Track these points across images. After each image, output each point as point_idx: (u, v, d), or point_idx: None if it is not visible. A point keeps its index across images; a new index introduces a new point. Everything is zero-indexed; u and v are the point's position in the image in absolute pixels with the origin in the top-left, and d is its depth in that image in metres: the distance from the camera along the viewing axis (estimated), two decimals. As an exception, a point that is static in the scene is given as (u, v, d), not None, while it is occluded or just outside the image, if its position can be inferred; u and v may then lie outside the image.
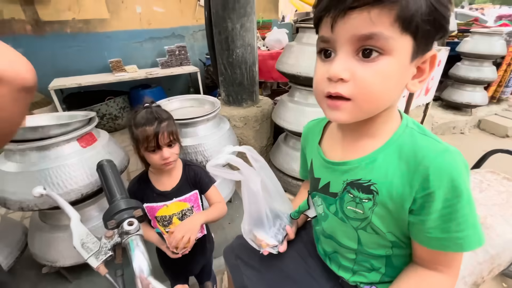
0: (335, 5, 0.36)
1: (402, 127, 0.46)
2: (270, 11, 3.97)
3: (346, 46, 0.38)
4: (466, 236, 0.40)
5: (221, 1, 1.65)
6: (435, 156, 0.40)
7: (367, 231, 0.50)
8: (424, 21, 0.35)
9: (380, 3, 0.33)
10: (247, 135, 1.93)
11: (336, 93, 0.39)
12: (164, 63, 3.29)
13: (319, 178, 0.57)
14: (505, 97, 3.62)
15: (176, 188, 0.94)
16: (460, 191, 0.39)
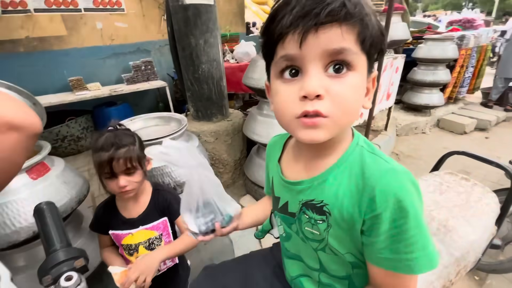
0: (304, 21, 0.35)
1: (352, 145, 0.46)
2: (236, 24, 4.02)
3: (316, 62, 0.37)
4: (415, 258, 0.39)
5: (183, 17, 1.63)
6: (380, 176, 0.39)
7: (326, 252, 0.48)
8: (375, 43, 0.37)
9: (350, 20, 0.34)
10: (219, 149, 1.89)
11: (314, 111, 0.37)
12: (129, 79, 3.18)
13: (278, 197, 0.55)
14: (461, 97, 3.93)
15: (143, 215, 0.89)
16: (406, 212, 0.38)
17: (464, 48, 3.39)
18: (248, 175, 1.83)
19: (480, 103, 4.00)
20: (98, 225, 0.91)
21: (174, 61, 1.99)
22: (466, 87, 3.83)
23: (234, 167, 2.02)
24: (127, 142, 0.80)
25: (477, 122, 3.45)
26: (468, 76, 3.71)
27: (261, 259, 0.68)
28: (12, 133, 0.39)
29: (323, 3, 0.33)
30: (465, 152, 1.08)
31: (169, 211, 0.92)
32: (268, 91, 0.49)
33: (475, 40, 3.54)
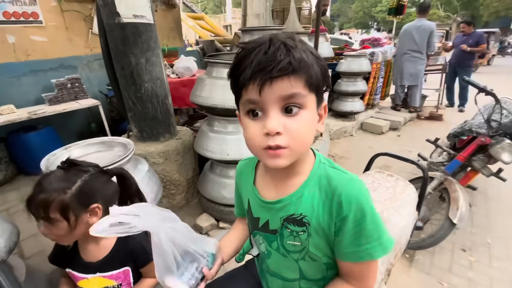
0: (261, 75, 0.43)
1: (316, 163, 0.55)
2: (174, 39, 3.95)
3: (274, 106, 0.45)
4: (373, 246, 0.50)
5: (120, 36, 1.55)
6: (344, 185, 0.50)
7: (306, 260, 0.56)
8: (320, 83, 0.47)
9: (296, 72, 0.44)
10: (169, 170, 1.82)
11: (276, 145, 0.46)
12: (52, 98, 2.80)
13: (258, 217, 0.60)
14: (376, 103, 4.65)
15: (102, 261, 0.80)
16: (365, 212, 0.49)
17: (374, 62, 4.06)
18: (202, 193, 1.81)
19: (391, 107, 4.80)
20: (56, 259, 0.84)
21: (110, 79, 1.86)
22: (379, 94, 4.57)
23: (187, 187, 1.97)
24: (54, 187, 0.70)
25: (390, 123, 4.14)
26: (379, 85, 4.44)
27: (237, 278, 0.71)
28: None
29: (274, 61, 0.42)
30: (387, 153, 1.30)
31: (134, 260, 0.83)
32: (240, 120, 0.56)
33: (382, 55, 4.27)
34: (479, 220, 2.13)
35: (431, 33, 3.97)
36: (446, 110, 4.93)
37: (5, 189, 2.53)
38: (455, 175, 1.98)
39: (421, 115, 4.64)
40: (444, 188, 1.83)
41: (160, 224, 0.52)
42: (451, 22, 20.75)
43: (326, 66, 0.49)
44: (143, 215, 0.50)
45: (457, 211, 1.63)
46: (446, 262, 1.76)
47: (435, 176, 1.88)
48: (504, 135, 1.71)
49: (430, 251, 1.83)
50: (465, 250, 1.85)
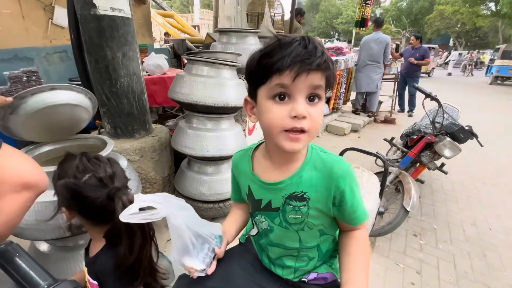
0: (300, 65, 0.50)
1: (309, 149, 0.65)
2: (144, 35, 3.83)
3: (302, 93, 0.53)
4: (363, 212, 0.65)
5: (96, 27, 1.50)
6: (338, 165, 0.60)
7: (305, 230, 0.65)
8: (331, 82, 0.56)
9: (325, 69, 0.52)
10: (145, 168, 1.79)
11: (301, 127, 0.53)
12: (5, 93, 2.52)
13: (260, 199, 0.67)
14: (339, 107, 5.01)
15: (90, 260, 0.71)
16: (355, 184, 0.62)
17: (338, 69, 4.38)
18: (179, 190, 1.81)
19: (352, 111, 5.21)
20: None
21: (80, 73, 1.77)
22: (342, 99, 4.93)
23: (163, 185, 1.95)
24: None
25: (351, 126, 4.49)
26: (342, 91, 4.79)
27: (236, 255, 0.77)
28: (25, 192, 0.41)
29: (314, 56, 0.50)
30: (355, 148, 1.46)
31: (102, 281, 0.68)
32: (247, 105, 0.64)
33: (345, 63, 4.63)
34: (427, 209, 2.45)
35: (387, 44, 4.45)
36: (398, 115, 5.52)
37: None
38: (407, 170, 2.26)
39: (378, 119, 5.12)
40: (399, 181, 2.08)
41: (177, 211, 0.57)
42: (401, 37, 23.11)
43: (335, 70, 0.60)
44: (163, 202, 0.55)
45: (410, 200, 1.87)
46: (401, 246, 2.00)
47: (392, 171, 2.12)
48: (446, 134, 2.02)
49: (388, 237, 2.06)
50: (416, 235, 2.11)
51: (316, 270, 0.72)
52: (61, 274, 1.19)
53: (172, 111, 3.62)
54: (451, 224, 2.24)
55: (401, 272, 1.76)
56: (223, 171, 1.80)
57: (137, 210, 0.52)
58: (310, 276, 0.71)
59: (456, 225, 2.23)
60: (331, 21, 35.84)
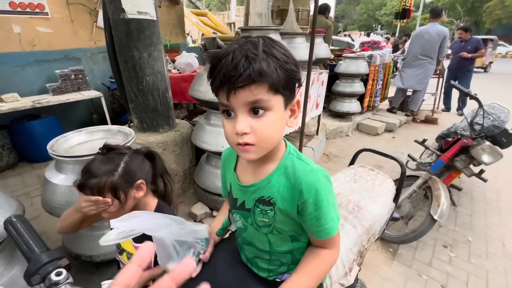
0: (227, 85, 0.49)
1: (286, 154, 0.64)
2: (177, 35, 4.04)
3: (241, 109, 0.52)
4: (330, 227, 0.61)
5: (125, 30, 1.64)
6: (305, 175, 0.59)
7: (274, 233, 0.66)
8: (285, 86, 0.53)
9: (257, 82, 0.49)
10: (167, 160, 1.91)
11: (244, 142, 0.53)
12: (56, 89, 2.88)
13: (236, 198, 0.70)
14: (376, 105, 4.72)
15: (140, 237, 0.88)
16: (321, 197, 0.58)
17: (373, 65, 4.13)
18: (198, 183, 1.90)
19: (387, 110, 4.89)
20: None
21: (114, 71, 1.94)
22: (379, 96, 4.64)
23: (184, 177, 2.06)
24: (102, 171, 0.78)
25: (386, 125, 4.22)
26: (379, 88, 4.51)
27: (221, 247, 0.81)
28: None
29: (236, 74, 0.48)
30: (369, 149, 1.39)
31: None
32: None
33: (381, 58, 4.35)
34: (463, 219, 2.22)
35: (444, 38, 3.92)
36: (441, 114, 5.03)
37: (7, 175, 2.62)
38: (440, 175, 2.08)
39: (417, 118, 4.73)
40: (428, 187, 1.92)
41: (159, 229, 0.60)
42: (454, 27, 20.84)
43: (293, 68, 0.52)
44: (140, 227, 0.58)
45: (438, 208, 1.72)
46: (427, 256, 1.85)
47: (421, 175, 1.97)
48: (486, 138, 1.80)
49: (413, 246, 1.92)
50: (446, 246, 1.94)
51: (289, 272, 0.72)
52: (87, 251, 1.35)
53: (202, 107, 3.77)
54: (489, 237, 2.01)
55: (423, 284, 1.64)
56: (239, 167, 1.84)
57: (115, 237, 0.56)
58: (284, 276, 0.72)
59: (495, 239, 1.99)
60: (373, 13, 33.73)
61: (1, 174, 2.62)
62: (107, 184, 0.78)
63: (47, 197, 1.18)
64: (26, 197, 2.25)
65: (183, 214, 1.92)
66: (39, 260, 0.45)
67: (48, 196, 1.18)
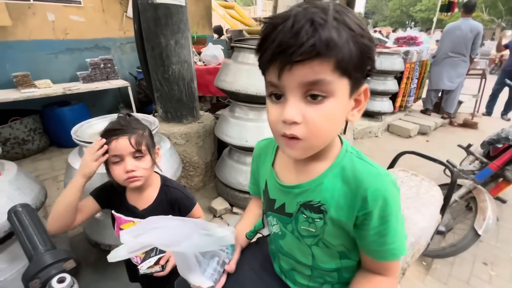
0: (281, 58, 0.38)
1: (342, 151, 0.51)
2: (204, 26, 3.99)
3: (294, 91, 0.41)
4: (397, 246, 0.48)
5: (152, 16, 1.59)
6: (371, 180, 0.46)
7: (319, 246, 0.54)
8: (356, 66, 0.40)
9: (322, 56, 0.37)
10: (190, 152, 1.86)
11: (291, 134, 0.42)
12: (86, 77, 2.95)
13: (274, 199, 0.59)
14: (409, 105, 4.41)
15: (148, 209, 0.84)
16: (391, 209, 0.46)
17: (408, 62, 3.84)
18: (219, 177, 1.84)
19: (420, 111, 4.54)
20: (100, 195, 0.85)
21: (140, 60, 1.91)
22: (413, 96, 4.33)
23: (205, 170, 2.01)
24: (137, 127, 0.79)
25: (419, 127, 3.92)
26: (413, 87, 4.20)
27: (248, 253, 0.71)
28: None
29: (296, 44, 0.37)
30: (414, 151, 1.24)
31: (178, 209, 0.88)
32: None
33: (418, 55, 4.03)
34: (506, 234, 1.99)
35: (477, 34, 3.60)
36: (482, 119, 4.60)
37: (37, 158, 2.73)
38: (485, 185, 1.85)
39: (454, 121, 4.35)
40: (472, 197, 1.72)
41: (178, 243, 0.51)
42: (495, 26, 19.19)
43: (369, 43, 0.40)
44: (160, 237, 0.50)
45: (484, 222, 1.52)
46: (465, 274, 1.66)
47: (464, 184, 1.76)
48: (547, 146, 1.57)
49: (450, 261, 1.74)
50: (487, 264, 1.74)
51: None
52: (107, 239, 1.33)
53: (225, 101, 3.71)
54: (538, 257, 1.77)
55: (461, 304, 1.47)
56: (262, 163, 1.75)
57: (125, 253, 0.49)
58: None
59: (544, 260, 1.75)
60: (407, 9, 31.93)
61: (32, 157, 2.72)
62: (145, 137, 0.79)
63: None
64: (53, 181, 2.31)
65: (203, 207, 1.86)
66: (41, 261, 0.39)
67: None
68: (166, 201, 0.87)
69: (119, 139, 0.74)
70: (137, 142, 0.75)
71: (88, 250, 1.52)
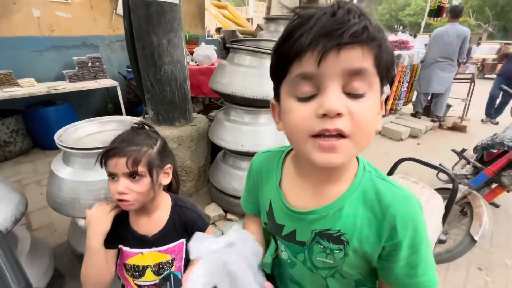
0: (326, 41, 0.34)
1: (360, 170, 0.46)
2: (196, 26, 3.92)
3: (335, 81, 0.35)
4: (429, 278, 0.43)
5: (144, 14, 1.52)
6: (398, 205, 0.41)
7: (335, 277, 0.49)
8: (388, 66, 0.38)
9: (370, 43, 0.35)
10: (182, 156, 1.80)
11: (336, 129, 0.35)
12: (73, 76, 2.83)
13: (282, 224, 0.52)
14: (399, 108, 4.46)
15: (159, 235, 0.76)
16: (421, 237, 0.42)
17: (400, 65, 3.88)
18: (213, 183, 1.78)
19: (411, 114, 4.61)
20: (109, 240, 0.74)
21: (131, 60, 1.83)
22: (403, 99, 4.39)
23: (198, 175, 1.94)
24: (141, 143, 0.70)
25: (410, 130, 3.97)
26: (404, 90, 4.26)
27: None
28: None
29: (346, 24, 0.33)
30: (414, 158, 1.22)
31: (192, 231, 0.79)
32: (274, 110, 0.48)
33: (409, 59, 4.08)
34: (499, 239, 2.01)
35: (464, 38, 3.71)
36: (470, 122, 4.69)
37: (20, 161, 2.59)
38: (479, 190, 1.87)
39: (444, 125, 4.44)
40: (467, 202, 1.72)
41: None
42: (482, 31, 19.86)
43: (393, 51, 0.39)
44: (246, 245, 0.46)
45: (480, 227, 1.52)
46: (461, 279, 1.66)
47: (459, 189, 1.77)
48: (541, 152, 1.58)
49: (444, 267, 1.74)
50: (482, 269, 1.74)
51: None
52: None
53: (218, 102, 3.65)
54: (533, 262, 1.80)
55: (458, 311, 1.46)
56: (258, 168, 1.70)
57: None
58: None
59: (538, 265, 1.77)
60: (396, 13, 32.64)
61: (14, 159, 2.58)
62: (146, 156, 0.70)
63: (52, 191, 1.08)
64: (36, 185, 2.19)
65: (196, 214, 1.81)
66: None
67: (53, 191, 1.07)
68: (180, 223, 0.79)
69: (115, 155, 0.67)
70: (135, 162, 0.67)
71: (72, 261, 1.43)
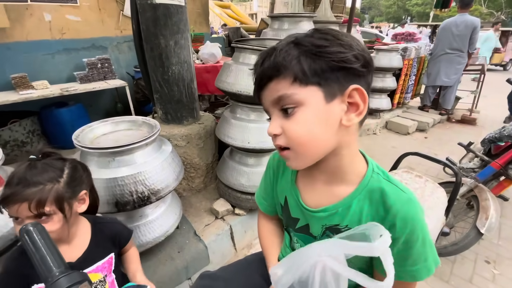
0: (256, 85, 0.49)
1: (369, 172, 0.51)
2: (201, 24, 3.94)
3: (272, 109, 0.49)
4: (418, 269, 0.49)
5: (152, 16, 1.56)
6: (401, 206, 0.47)
7: None
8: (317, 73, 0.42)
9: (277, 76, 0.45)
10: (190, 154, 1.85)
11: (277, 144, 0.49)
12: (83, 77, 2.91)
13: (297, 218, 0.58)
14: (406, 102, 4.41)
15: (84, 257, 0.72)
16: (417, 235, 0.48)
17: (407, 58, 3.84)
18: (221, 179, 1.83)
19: (418, 107, 4.55)
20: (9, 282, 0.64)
21: (139, 61, 1.89)
22: (410, 93, 4.34)
23: (206, 171, 2.00)
24: (42, 180, 0.62)
25: (417, 124, 3.93)
26: (411, 84, 4.21)
27: (261, 263, 0.70)
28: None
29: (258, 74, 0.48)
30: (418, 153, 1.24)
31: (120, 242, 0.81)
32: None
33: (416, 51, 4.03)
34: (508, 232, 2.01)
35: (474, 29, 3.60)
36: (480, 114, 4.61)
37: (37, 160, 2.69)
38: (486, 183, 1.87)
39: (452, 117, 4.37)
40: (474, 196, 1.73)
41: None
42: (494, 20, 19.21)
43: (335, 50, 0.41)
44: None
45: (486, 220, 1.53)
46: (468, 272, 1.68)
47: (465, 182, 1.77)
48: (549, 144, 1.58)
49: (451, 260, 1.75)
50: (489, 262, 1.75)
51: None
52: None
53: (223, 100, 3.69)
54: (541, 255, 1.79)
55: (464, 303, 1.48)
56: (263, 163, 1.74)
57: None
58: None
59: (547, 257, 1.77)
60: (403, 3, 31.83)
61: (31, 159, 2.69)
62: (52, 193, 0.62)
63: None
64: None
65: (205, 209, 1.87)
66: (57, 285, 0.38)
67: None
68: (104, 238, 0.78)
69: (14, 200, 0.59)
70: (39, 204, 0.59)
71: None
